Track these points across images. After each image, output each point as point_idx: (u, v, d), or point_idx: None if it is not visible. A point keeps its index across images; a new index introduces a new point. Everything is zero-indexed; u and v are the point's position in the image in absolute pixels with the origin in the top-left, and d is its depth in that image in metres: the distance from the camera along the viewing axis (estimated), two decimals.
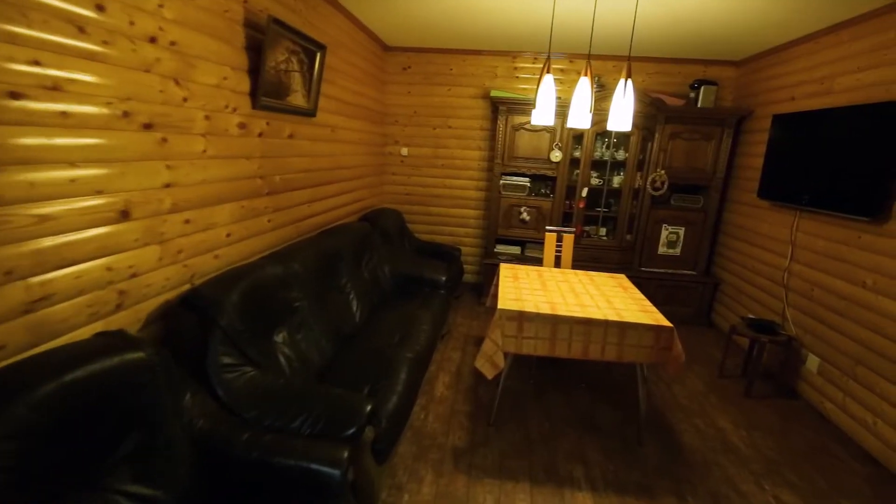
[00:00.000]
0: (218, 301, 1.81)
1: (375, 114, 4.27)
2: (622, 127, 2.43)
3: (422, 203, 4.75)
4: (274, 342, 2.11)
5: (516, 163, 4.19)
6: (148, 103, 1.61)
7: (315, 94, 2.85)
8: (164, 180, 1.73)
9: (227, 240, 2.15)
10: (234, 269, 2.06)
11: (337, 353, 2.45)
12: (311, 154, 2.97)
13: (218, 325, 1.78)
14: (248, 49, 2.18)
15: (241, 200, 2.25)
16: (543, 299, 2.49)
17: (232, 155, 2.14)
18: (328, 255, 2.76)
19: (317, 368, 2.27)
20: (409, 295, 3.44)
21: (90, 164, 1.41)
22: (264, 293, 2.11)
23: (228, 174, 2.13)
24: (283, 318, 2.20)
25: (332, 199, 3.41)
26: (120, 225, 1.54)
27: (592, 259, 4.20)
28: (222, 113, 2.04)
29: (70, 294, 1.38)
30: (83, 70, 1.36)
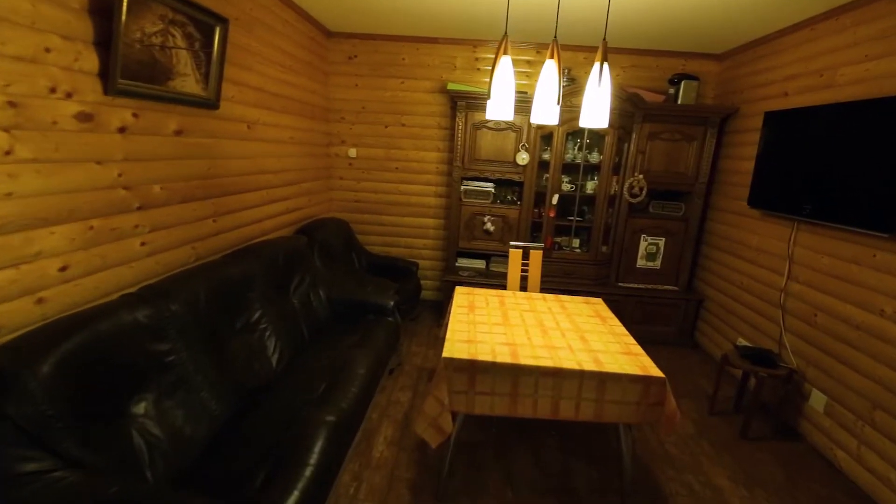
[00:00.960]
0: (7, 378, 1.21)
1: (317, 109, 3.69)
2: (597, 122, 1.95)
3: (374, 211, 4.18)
4: (128, 417, 1.52)
5: (478, 166, 3.68)
6: None
7: (216, 79, 2.25)
8: None
9: (60, 276, 1.54)
10: (66, 318, 1.46)
11: (233, 419, 1.86)
12: (215, 156, 2.37)
13: (4, 415, 1.18)
14: (94, 13, 1.58)
15: (89, 219, 1.64)
16: (503, 339, 1.98)
17: (68, 158, 1.54)
18: (230, 284, 2.17)
19: (198, 446, 1.68)
20: (350, 324, 2.88)
21: None
22: (113, 349, 1.51)
23: (63, 185, 1.52)
24: (148, 380, 1.61)
25: (253, 211, 2.81)
26: None
27: (565, 274, 3.73)
28: (44, 99, 1.44)
29: None
30: None
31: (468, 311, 2.30)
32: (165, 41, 1.89)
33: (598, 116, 1.95)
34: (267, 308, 2.40)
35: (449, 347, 1.85)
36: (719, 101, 3.66)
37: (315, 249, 3.31)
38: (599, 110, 1.94)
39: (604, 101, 1.93)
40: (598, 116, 1.95)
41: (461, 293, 2.58)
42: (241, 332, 2.20)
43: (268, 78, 2.85)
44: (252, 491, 1.50)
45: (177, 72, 2.00)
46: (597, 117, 1.96)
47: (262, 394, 2.07)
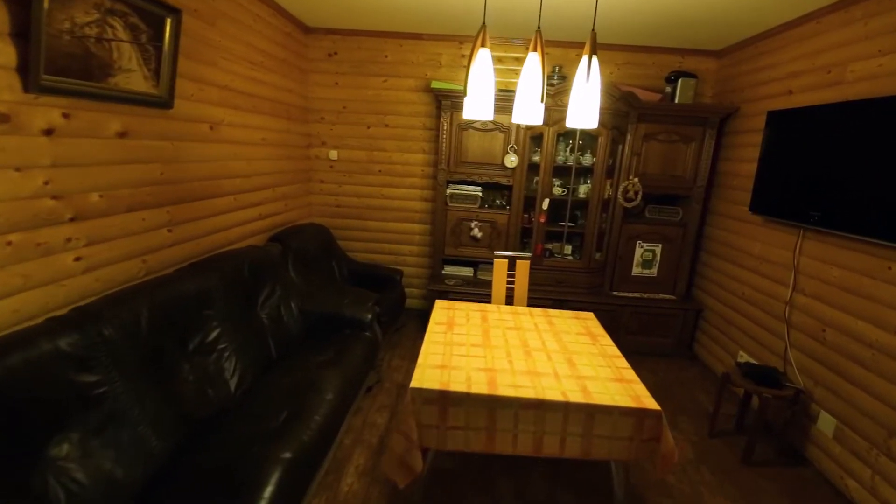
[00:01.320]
0: None
1: (294, 109, 3.49)
2: (586, 122, 1.76)
3: (356, 216, 3.98)
4: (44, 462, 1.32)
5: (465, 169, 3.48)
6: None
7: (169, 76, 2.05)
8: None
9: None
10: None
11: (177, 455, 1.66)
12: (170, 159, 2.17)
13: None
14: (10, 0, 1.38)
15: (6, 234, 1.44)
16: (481, 363, 1.78)
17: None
18: (183, 301, 1.97)
19: (131, 491, 1.48)
20: (324, 339, 2.68)
21: None
22: (27, 383, 1.31)
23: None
24: (70, 418, 1.41)
25: (219, 219, 2.61)
26: None
27: (556, 282, 3.54)
28: None
29: None
30: None
31: (446, 330, 2.11)
32: (102, 33, 1.69)
33: (586, 116, 1.76)
34: (227, 325, 2.20)
35: (418, 375, 1.66)
36: (718, 100, 3.47)
37: (289, 258, 3.11)
38: (588, 109, 1.75)
39: (592, 98, 1.75)
40: (586, 116, 1.76)
41: (441, 308, 2.39)
42: (194, 354, 2.00)
43: (235, 75, 2.65)
44: None
45: (119, 67, 1.80)
46: (585, 117, 1.77)
47: (216, 423, 1.87)
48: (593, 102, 1.76)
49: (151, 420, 1.63)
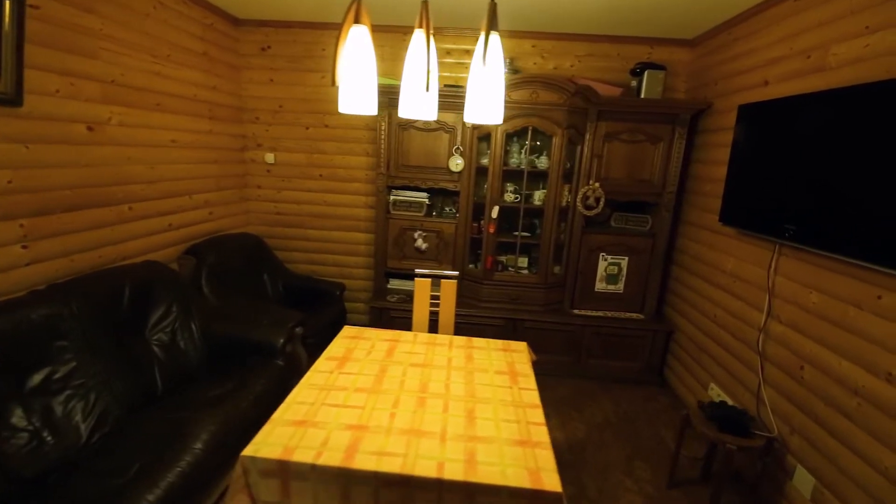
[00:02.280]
0: None
1: (222, 108, 3.16)
2: (487, 116, 1.40)
3: (297, 225, 3.64)
4: None
5: (408, 173, 3.13)
6: None
7: (13, 69, 1.73)
8: None
9: None
10: None
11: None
12: (21, 165, 1.83)
13: None
14: None
15: None
16: (353, 418, 1.42)
17: None
18: (24, 331, 1.65)
19: None
20: (225, 369, 2.34)
21: None
22: None
23: None
24: None
25: (105, 231, 2.28)
26: None
27: (510, 299, 3.17)
28: None
29: None
30: None
31: (335, 368, 1.75)
32: None
33: (487, 108, 1.41)
34: (86, 357, 1.86)
35: (261, 437, 1.30)
36: (692, 95, 3.09)
37: (202, 273, 2.78)
38: (488, 100, 1.40)
39: (493, 87, 1.39)
40: (487, 108, 1.41)
41: (342, 337, 2.03)
42: (34, 394, 1.67)
43: (128, 69, 2.32)
44: None
45: None
46: (487, 109, 1.41)
47: (50, 482, 1.54)
48: (494, 91, 1.40)
49: None
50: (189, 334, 2.41)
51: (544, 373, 3.16)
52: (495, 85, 1.40)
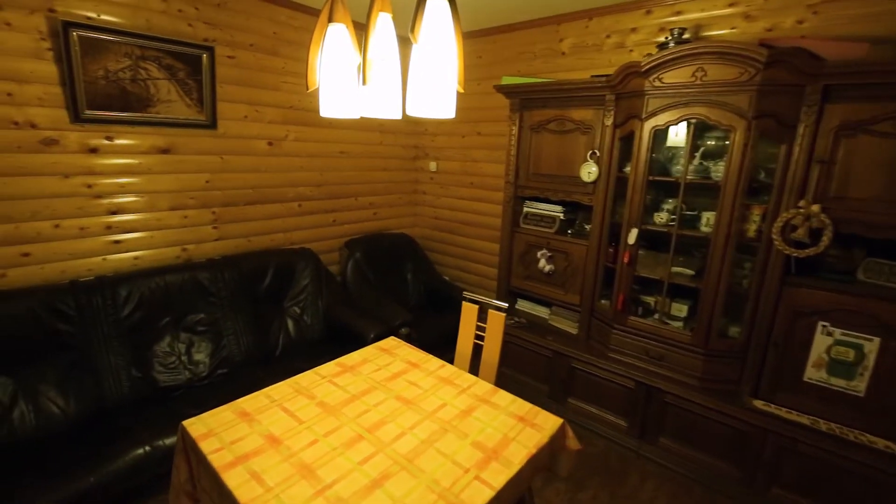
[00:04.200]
0: None
1: (392, 121, 3.61)
2: (428, 109, 1.14)
3: (448, 230, 3.77)
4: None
5: (538, 182, 2.76)
6: None
7: (210, 103, 2.51)
8: None
9: (24, 260, 2.06)
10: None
11: (121, 403, 2.04)
12: (215, 170, 2.64)
13: None
14: (58, 61, 2.02)
15: (55, 220, 2.12)
16: (284, 427, 1.42)
17: (31, 172, 2.03)
18: (190, 285, 2.41)
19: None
20: (334, 351, 2.69)
21: None
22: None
23: (25, 192, 2.03)
24: (44, 354, 1.96)
25: (276, 222, 2.99)
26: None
27: (651, 357, 2.35)
28: (8, 130, 1.94)
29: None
30: None
31: (334, 375, 1.76)
32: (136, 75, 2.24)
33: (427, 96, 1.14)
34: (227, 314, 2.52)
35: (209, 413, 1.46)
36: None
37: (349, 264, 3.26)
38: (426, 85, 1.13)
39: (432, 67, 1.11)
40: (427, 96, 1.14)
41: (377, 346, 2.00)
42: (185, 331, 2.38)
43: (304, 96, 2.97)
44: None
45: (158, 99, 2.33)
46: (426, 98, 1.14)
47: (177, 394, 2.20)
48: (434, 75, 1.11)
49: (110, 372, 2.07)
50: (315, 311, 2.90)
51: (682, 483, 2.22)
52: (435, 66, 1.10)
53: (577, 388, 2.62)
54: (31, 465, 1.69)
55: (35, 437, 1.85)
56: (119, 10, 2.15)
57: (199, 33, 2.43)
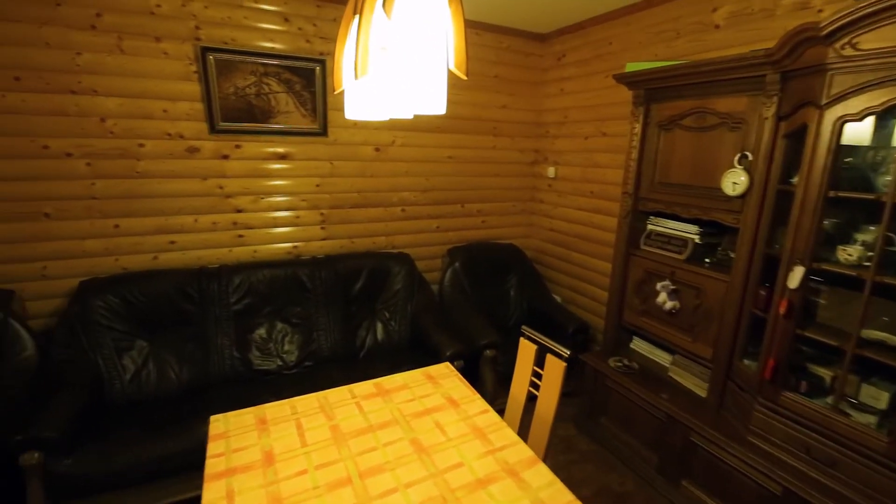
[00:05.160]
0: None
1: (507, 125, 3.34)
2: (427, 104, 0.92)
3: (563, 244, 3.32)
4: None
5: (665, 194, 2.17)
6: (72, 137, 2.18)
7: (322, 112, 2.68)
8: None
9: (172, 246, 2.52)
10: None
11: (228, 376, 2.33)
12: (325, 174, 2.81)
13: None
14: (201, 80, 2.39)
15: (195, 215, 2.54)
16: (284, 446, 1.35)
17: (181, 175, 2.45)
18: (291, 280, 2.60)
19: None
20: (415, 360, 2.62)
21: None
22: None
23: (177, 191, 2.46)
24: (166, 323, 2.35)
25: (377, 225, 3.06)
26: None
27: (814, 458, 1.60)
28: (162, 140, 2.38)
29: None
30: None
31: (364, 397, 1.63)
32: (260, 90, 2.51)
33: (411, 84, 0.92)
34: (319, 310, 2.66)
35: (234, 414, 1.49)
36: None
37: (447, 272, 3.14)
38: (412, 67, 0.91)
39: (422, 40, 0.89)
40: (411, 84, 0.92)
41: (424, 372, 1.81)
42: (281, 321, 2.58)
43: None
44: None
45: (278, 111, 2.58)
46: (409, 87, 0.92)
47: (268, 378, 2.42)
48: (426, 53, 0.89)
49: (216, 350, 2.37)
50: (403, 317, 2.86)
51: None
52: (416, 47, 0.87)
53: (696, 469, 1.96)
54: (141, 420, 2.01)
55: (153, 396, 2.22)
56: (248, 34, 2.44)
57: (316, 48, 2.60)
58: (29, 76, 2.06)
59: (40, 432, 1.69)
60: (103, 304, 2.22)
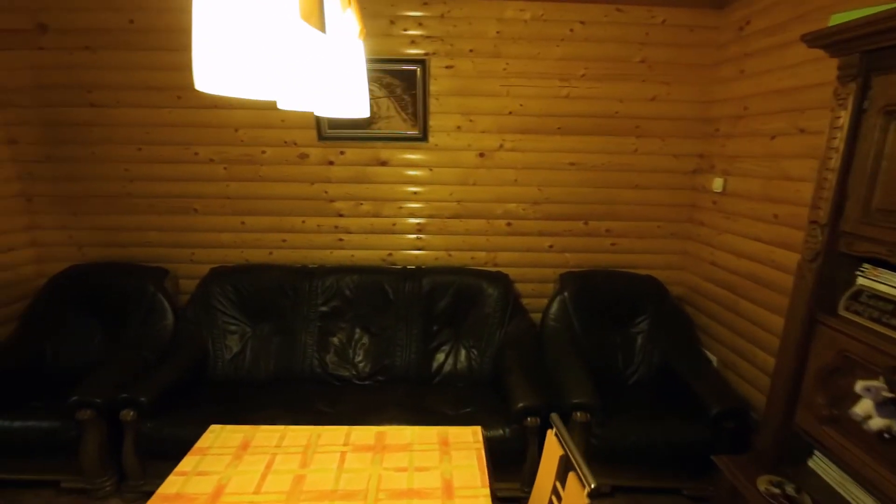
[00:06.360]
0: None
1: (664, 123, 2.57)
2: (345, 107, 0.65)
3: (727, 286, 2.37)
4: None
5: (888, 228, 1.25)
6: (214, 145, 2.57)
7: (423, 116, 2.52)
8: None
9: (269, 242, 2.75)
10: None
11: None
12: (423, 182, 2.64)
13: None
14: None
15: (301, 216, 2.70)
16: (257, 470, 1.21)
17: (292, 179, 2.64)
18: (369, 288, 2.55)
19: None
20: (487, 403, 2.27)
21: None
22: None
23: (292, 193, 2.67)
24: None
25: (478, 239, 2.74)
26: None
27: None
28: (280, 147, 2.59)
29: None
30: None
31: (372, 452, 1.38)
32: None
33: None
34: (399, 325, 2.52)
35: (218, 428, 1.44)
36: None
37: (555, 299, 2.60)
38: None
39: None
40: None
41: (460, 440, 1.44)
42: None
43: (529, 98, 2.53)
44: None
45: (379, 116, 2.54)
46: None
47: (336, 383, 2.42)
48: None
49: (300, 347, 2.48)
50: (487, 346, 2.51)
51: None
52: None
53: None
54: (225, 400, 2.20)
55: (245, 380, 2.42)
56: None
57: (421, 49, 2.45)
58: (188, 95, 2.48)
59: (135, 395, 1.98)
60: (220, 289, 2.54)
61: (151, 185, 2.61)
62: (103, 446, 2.05)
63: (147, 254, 2.70)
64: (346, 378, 2.44)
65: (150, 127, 2.53)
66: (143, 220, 2.66)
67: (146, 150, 2.56)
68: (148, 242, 2.69)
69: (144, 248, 2.70)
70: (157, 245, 2.70)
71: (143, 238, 2.69)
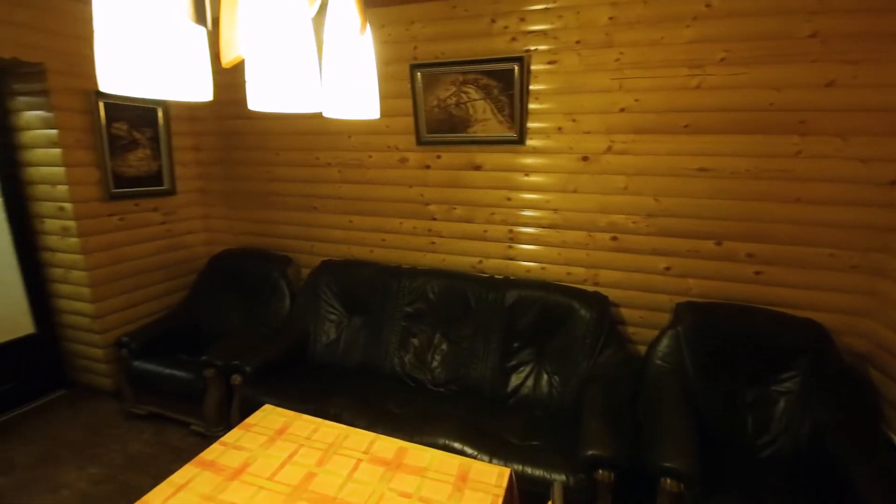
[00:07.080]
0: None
1: (842, 116, 1.91)
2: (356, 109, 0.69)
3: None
4: None
5: None
6: (331, 150, 2.86)
7: (520, 118, 2.37)
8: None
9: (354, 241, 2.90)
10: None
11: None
12: (513, 187, 2.48)
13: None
14: (411, 96, 2.58)
15: (399, 218, 2.81)
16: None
17: (389, 183, 2.76)
18: (458, 297, 2.51)
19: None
20: (559, 437, 2.03)
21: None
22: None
23: (386, 195, 2.80)
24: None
25: (576, 253, 2.45)
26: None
27: None
28: (382, 152, 2.74)
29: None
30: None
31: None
32: (459, 99, 2.47)
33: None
34: (478, 335, 2.42)
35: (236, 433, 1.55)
36: None
37: (666, 334, 2.18)
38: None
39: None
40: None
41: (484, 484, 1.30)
42: (433, 329, 2.52)
43: (647, 91, 2.16)
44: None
45: (475, 119, 2.48)
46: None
47: (414, 385, 2.47)
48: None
49: (382, 344, 2.59)
50: (570, 375, 2.24)
51: None
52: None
53: None
54: (315, 380, 2.42)
55: (337, 365, 2.62)
56: (451, 46, 2.42)
57: (521, 45, 2.30)
58: None
59: (243, 363, 2.31)
60: (325, 280, 2.80)
61: (284, 185, 3.03)
62: (221, 401, 2.45)
63: (278, 244, 3.15)
64: (421, 381, 2.45)
65: (285, 135, 2.93)
66: (278, 215, 3.11)
67: (283, 154, 2.99)
68: (280, 234, 3.14)
69: (277, 239, 3.15)
70: (286, 237, 3.12)
71: (276, 230, 3.14)
